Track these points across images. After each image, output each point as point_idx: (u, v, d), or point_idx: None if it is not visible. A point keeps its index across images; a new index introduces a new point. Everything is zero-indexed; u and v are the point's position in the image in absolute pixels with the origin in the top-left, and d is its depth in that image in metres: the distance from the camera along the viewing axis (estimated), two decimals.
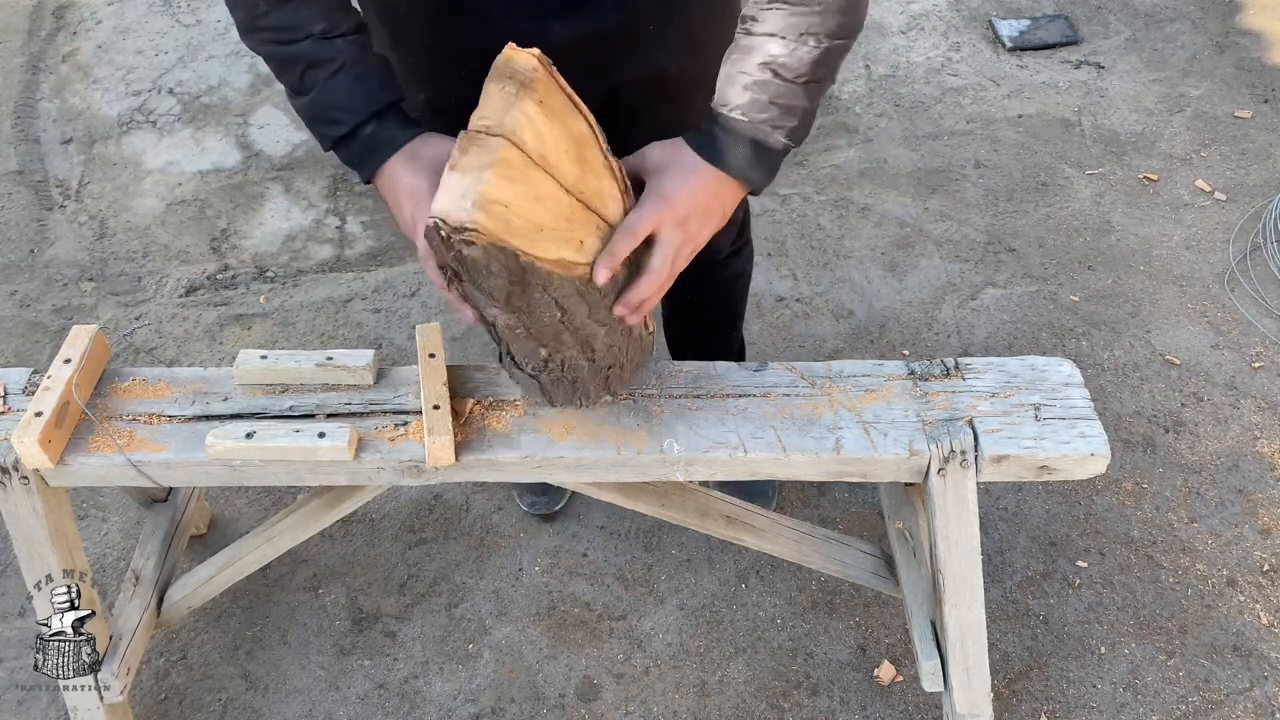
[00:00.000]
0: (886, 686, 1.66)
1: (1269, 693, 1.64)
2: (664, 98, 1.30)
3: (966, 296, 2.27)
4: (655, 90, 1.29)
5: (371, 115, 1.07)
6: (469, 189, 0.89)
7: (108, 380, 1.35)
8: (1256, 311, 2.22)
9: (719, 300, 1.68)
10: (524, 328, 1.05)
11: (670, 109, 1.30)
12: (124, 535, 1.88)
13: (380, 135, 1.07)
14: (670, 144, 1.06)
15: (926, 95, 2.82)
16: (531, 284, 0.98)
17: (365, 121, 1.07)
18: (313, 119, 1.09)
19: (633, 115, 1.33)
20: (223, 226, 2.51)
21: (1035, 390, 1.30)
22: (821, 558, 1.55)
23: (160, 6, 3.20)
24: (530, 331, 1.06)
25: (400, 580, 1.81)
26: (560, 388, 1.18)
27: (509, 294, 0.98)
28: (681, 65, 1.26)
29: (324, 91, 1.06)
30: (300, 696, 1.67)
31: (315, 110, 1.08)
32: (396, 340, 2.23)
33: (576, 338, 1.09)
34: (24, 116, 2.83)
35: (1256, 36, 2.96)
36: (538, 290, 0.99)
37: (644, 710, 1.65)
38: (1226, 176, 2.54)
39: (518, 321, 1.04)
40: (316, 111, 1.08)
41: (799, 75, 1.00)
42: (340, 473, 1.26)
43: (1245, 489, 1.91)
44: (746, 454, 1.24)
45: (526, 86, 0.94)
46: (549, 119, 0.95)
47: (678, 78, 1.27)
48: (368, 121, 1.07)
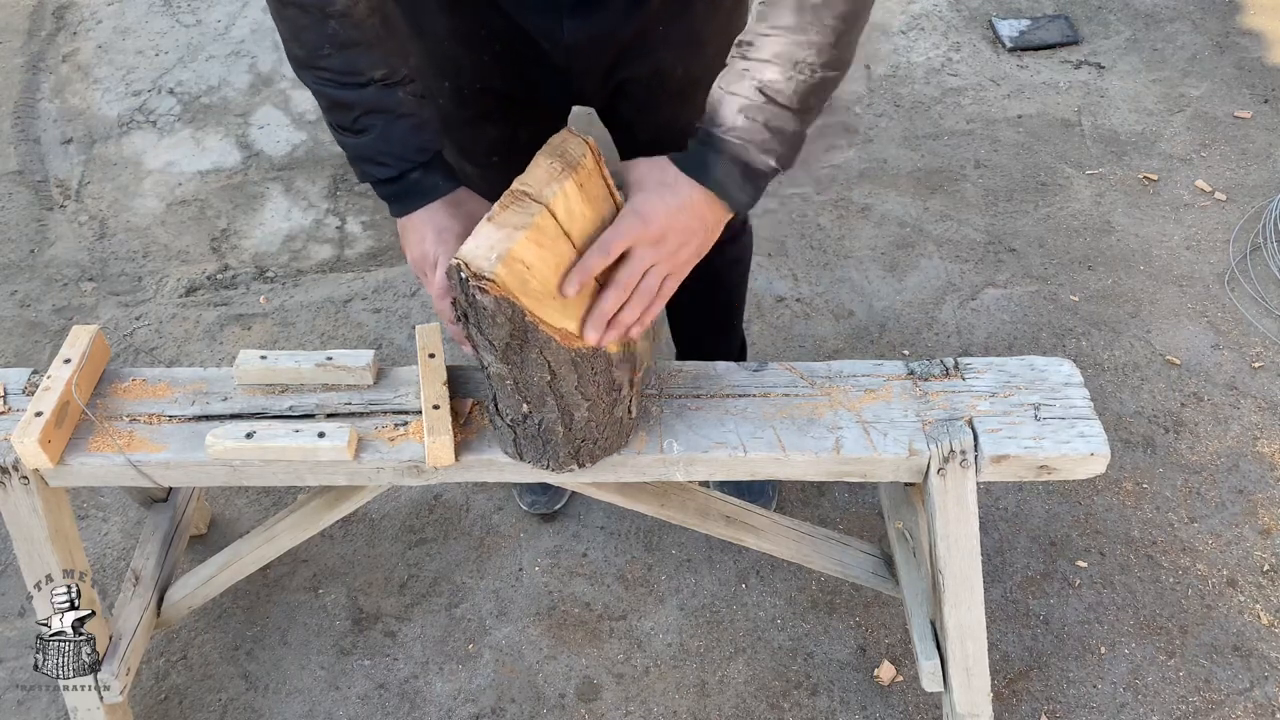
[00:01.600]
0: (886, 686, 1.66)
1: (1269, 693, 1.64)
2: (667, 95, 1.32)
3: (966, 296, 2.27)
4: (659, 87, 1.31)
5: (420, 164, 1.12)
6: (499, 243, 0.96)
7: (108, 380, 1.35)
8: (1256, 311, 2.22)
9: (716, 287, 1.68)
10: (514, 381, 1.10)
11: (673, 105, 1.32)
12: (124, 535, 1.88)
13: (425, 182, 1.13)
14: (655, 161, 1.07)
15: (926, 95, 2.82)
16: (530, 343, 1.04)
17: (414, 168, 1.12)
18: (361, 159, 1.12)
19: (636, 111, 1.35)
20: (223, 226, 2.51)
21: (1035, 390, 1.30)
22: (821, 558, 1.55)
23: (160, 6, 3.20)
24: (518, 385, 1.11)
25: (400, 580, 1.82)
26: (532, 445, 1.20)
27: (507, 346, 1.04)
28: (686, 64, 1.28)
29: (381, 138, 1.10)
30: (300, 696, 1.67)
31: (367, 152, 1.11)
32: (396, 340, 2.23)
33: (560, 404, 1.13)
34: (24, 116, 2.83)
35: (1256, 36, 2.96)
36: (534, 351, 1.05)
37: (644, 710, 1.65)
38: (1226, 176, 2.54)
39: (509, 373, 1.09)
40: (368, 154, 1.11)
41: (792, 101, 1.02)
42: (340, 473, 1.27)
43: (1245, 489, 1.91)
44: (746, 454, 1.24)
45: (571, 168, 1.00)
46: (584, 201, 1.02)
47: (682, 76, 1.29)
48: (415, 169, 1.12)
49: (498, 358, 1.07)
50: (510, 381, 1.11)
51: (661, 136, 1.37)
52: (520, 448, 1.22)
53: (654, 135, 1.38)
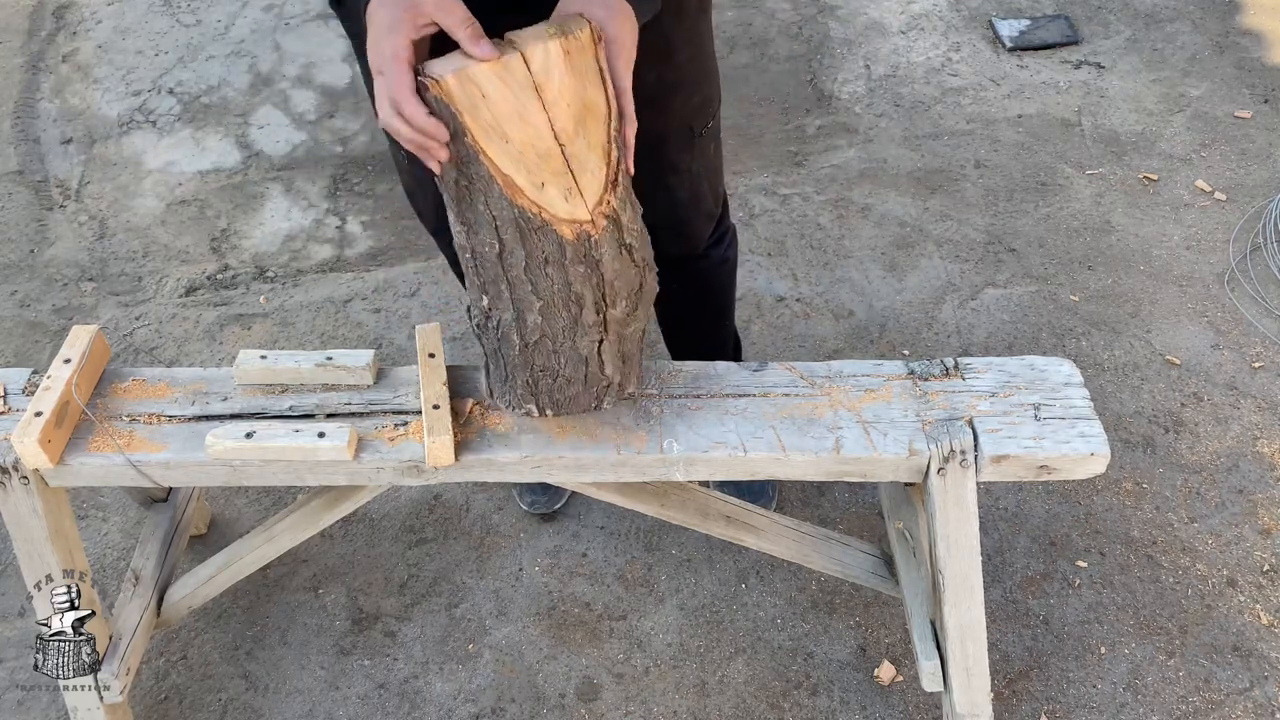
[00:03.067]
0: (886, 686, 1.66)
1: (1269, 693, 1.64)
2: (639, 103, 1.32)
3: (966, 296, 2.27)
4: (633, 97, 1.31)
5: None
6: (463, 64, 0.98)
7: (108, 380, 1.35)
8: (1256, 311, 2.22)
9: (705, 290, 1.69)
10: (471, 252, 1.12)
11: (648, 114, 1.32)
12: (124, 535, 1.88)
13: None
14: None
15: (926, 95, 2.82)
16: (476, 185, 1.06)
17: None
18: None
19: None
20: (223, 226, 2.51)
21: (1035, 390, 1.30)
22: (821, 558, 1.55)
23: (160, 6, 3.20)
24: (475, 260, 1.13)
25: (400, 580, 1.82)
26: (497, 369, 1.22)
27: (456, 182, 1.07)
28: (658, 71, 1.29)
29: None
30: (300, 696, 1.67)
31: None
32: (396, 340, 2.23)
33: (512, 296, 1.14)
34: (24, 116, 2.83)
35: (1256, 36, 2.96)
36: (481, 200, 1.07)
37: (644, 710, 1.65)
38: (1226, 176, 2.54)
39: (467, 240, 1.12)
40: None
41: None
42: (340, 473, 1.27)
43: (1245, 489, 1.91)
44: (746, 454, 1.24)
45: (564, 35, 1.01)
46: (568, 70, 1.02)
47: (654, 83, 1.30)
48: None
49: (452, 197, 1.09)
50: (469, 253, 1.13)
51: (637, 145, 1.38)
52: (489, 375, 1.23)
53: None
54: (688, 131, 1.39)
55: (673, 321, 1.78)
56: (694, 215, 1.52)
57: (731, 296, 1.77)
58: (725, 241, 1.65)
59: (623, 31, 1.06)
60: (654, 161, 1.41)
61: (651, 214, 1.53)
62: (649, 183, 1.44)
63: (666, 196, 1.46)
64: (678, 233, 1.53)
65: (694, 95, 1.37)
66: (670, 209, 1.48)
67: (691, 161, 1.43)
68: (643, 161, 1.42)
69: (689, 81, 1.34)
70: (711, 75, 1.41)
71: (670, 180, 1.44)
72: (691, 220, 1.52)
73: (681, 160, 1.42)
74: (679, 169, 1.43)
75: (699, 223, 1.54)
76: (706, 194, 1.51)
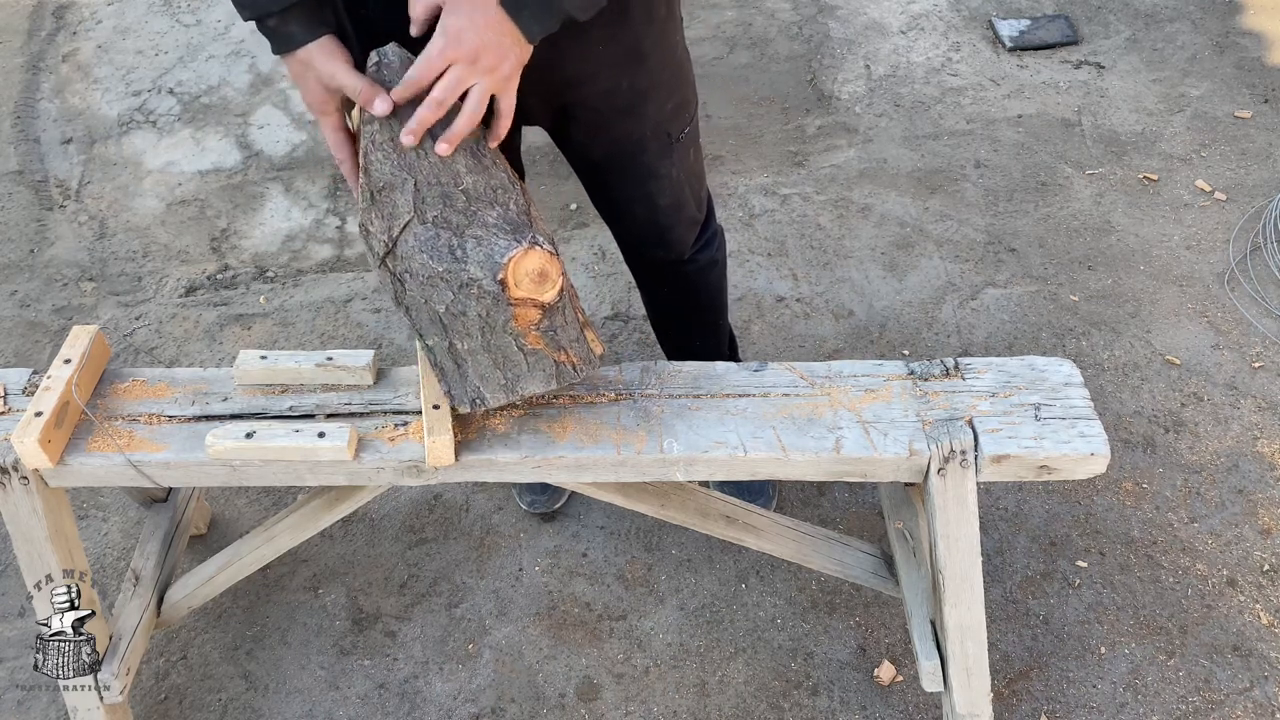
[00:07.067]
0: (886, 686, 1.66)
1: (1269, 693, 1.64)
2: (616, 112, 1.33)
3: (966, 296, 2.27)
4: (606, 105, 1.31)
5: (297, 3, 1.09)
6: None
7: (108, 380, 1.35)
8: (1256, 311, 2.22)
9: (695, 294, 1.68)
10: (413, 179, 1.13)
11: (623, 121, 1.33)
12: (124, 535, 1.88)
13: (322, 13, 1.12)
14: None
15: (926, 95, 2.82)
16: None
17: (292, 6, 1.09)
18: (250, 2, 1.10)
19: (588, 129, 1.35)
20: (223, 226, 2.51)
21: (1035, 390, 1.30)
22: (821, 558, 1.55)
23: (160, 6, 3.20)
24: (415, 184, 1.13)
25: (400, 580, 1.82)
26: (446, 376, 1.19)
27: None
28: (630, 78, 1.29)
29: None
30: (300, 696, 1.67)
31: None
32: (396, 340, 2.23)
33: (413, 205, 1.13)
34: (24, 116, 2.83)
35: (1256, 36, 2.96)
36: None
37: (644, 710, 1.65)
38: (1226, 176, 2.54)
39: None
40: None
41: None
42: (340, 473, 1.26)
43: (1245, 489, 1.91)
44: (746, 454, 1.24)
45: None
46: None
47: (627, 90, 1.30)
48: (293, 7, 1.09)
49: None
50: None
51: (613, 152, 1.38)
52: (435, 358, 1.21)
53: (607, 151, 1.39)
54: (665, 137, 1.38)
55: (665, 325, 1.78)
56: (677, 221, 1.51)
57: (723, 297, 1.77)
58: (714, 245, 1.64)
59: (463, 27, 1.05)
60: (634, 169, 1.40)
61: (634, 222, 1.53)
62: (630, 190, 1.44)
63: (648, 204, 1.45)
64: (662, 239, 1.52)
65: (669, 100, 1.35)
66: (652, 216, 1.47)
67: (671, 167, 1.41)
68: (622, 169, 1.42)
69: (663, 86, 1.33)
70: (686, 79, 1.39)
71: (651, 187, 1.43)
72: (674, 227, 1.51)
73: (661, 166, 1.40)
74: (659, 175, 1.41)
75: (682, 229, 1.53)
76: (689, 199, 1.49)
